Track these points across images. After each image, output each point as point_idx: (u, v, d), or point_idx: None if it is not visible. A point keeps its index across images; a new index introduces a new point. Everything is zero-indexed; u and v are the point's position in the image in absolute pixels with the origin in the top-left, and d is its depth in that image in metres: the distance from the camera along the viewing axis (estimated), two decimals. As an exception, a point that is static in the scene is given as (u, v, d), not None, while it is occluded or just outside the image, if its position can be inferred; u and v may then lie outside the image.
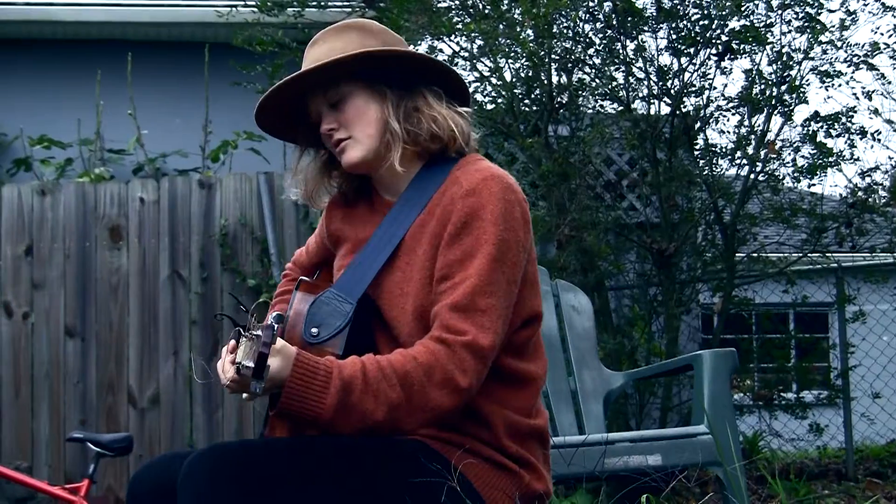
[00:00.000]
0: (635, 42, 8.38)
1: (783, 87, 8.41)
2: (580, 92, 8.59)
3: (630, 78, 8.53)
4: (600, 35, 8.51)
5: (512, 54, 8.41)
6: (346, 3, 9.21)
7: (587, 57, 8.54)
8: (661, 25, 8.38)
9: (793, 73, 8.40)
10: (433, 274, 2.89)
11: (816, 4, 8.28)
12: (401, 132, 2.98)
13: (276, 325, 2.61)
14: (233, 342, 2.79)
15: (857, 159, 8.54)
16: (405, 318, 2.91)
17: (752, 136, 8.54)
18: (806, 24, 8.32)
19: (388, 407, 2.72)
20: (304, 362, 2.69)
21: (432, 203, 2.96)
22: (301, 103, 3.10)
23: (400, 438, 2.81)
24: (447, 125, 3.00)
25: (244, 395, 2.83)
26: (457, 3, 8.76)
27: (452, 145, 3.02)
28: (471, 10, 8.63)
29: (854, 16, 8.37)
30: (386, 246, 2.98)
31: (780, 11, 8.36)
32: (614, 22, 8.30)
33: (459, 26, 8.49)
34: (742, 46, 8.38)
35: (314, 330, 2.91)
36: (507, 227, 2.86)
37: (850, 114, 8.44)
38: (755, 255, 9.02)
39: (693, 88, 8.49)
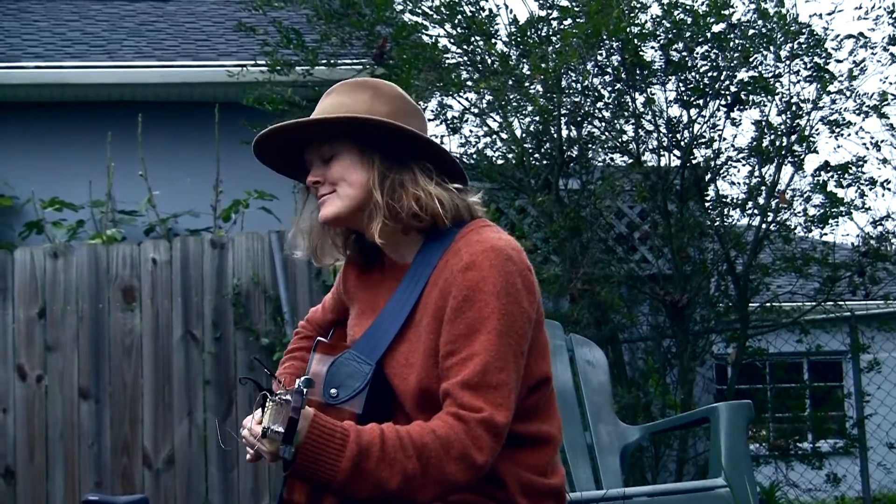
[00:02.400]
0: (644, 95, 8.40)
1: (793, 137, 8.42)
2: (590, 145, 8.61)
3: (640, 130, 8.55)
4: (609, 88, 8.53)
5: (521, 109, 8.43)
6: (355, 61, 9.23)
7: (596, 110, 8.57)
8: (670, 78, 8.40)
9: (802, 122, 8.42)
10: (436, 347, 2.88)
11: (825, 54, 8.30)
12: (382, 206, 2.95)
13: (304, 390, 2.60)
14: (259, 408, 2.74)
15: (869, 208, 8.53)
16: (408, 390, 2.91)
17: (763, 187, 8.54)
18: (814, 73, 8.34)
19: (403, 477, 2.70)
20: (321, 425, 2.67)
21: (435, 274, 2.95)
22: (302, 149, 3.10)
23: None
24: (431, 205, 2.95)
25: (249, 457, 2.82)
26: (466, 59, 8.79)
27: (440, 222, 2.98)
28: (480, 66, 8.66)
29: (862, 65, 8.39)
30: (399, 314, 2.98)
31: (788, 62, 8.38)
32: (623, 75, 8.33)
33: (469, 83, 8.52)
34: (751, 97, 8.40)
35: (333, 391, 2.90)
36: (510, 299, 2.84)
37: (860, 163, 8.44)
38: (768, 304, 9.00)
39: (703, 140, 8.50)
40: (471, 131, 8.86)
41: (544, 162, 8.66)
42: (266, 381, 2.78)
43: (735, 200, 8.70)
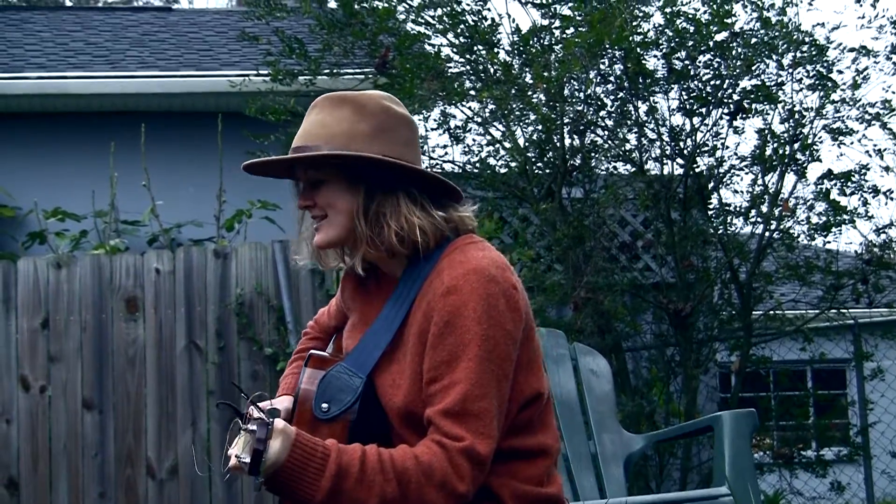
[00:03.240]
0: (647, 103, 8.41)
1: (796, 146, 8.42)
2: (593, 154, 8.62)
3: (643, 139, 8.56)
4: (612, 97, 8.54)
5: (524, 118, 8.44)
6: (357, 70, 9.25)
7: (599, 119, 8.57)
8: (673, 86, 8.41)
9: (805, 131, 8.42)
10: (420, 370, 2.87)
11: (827, 63, 8.30)
12: (366, 234, 2.95)
13: (270, 421, 2.63)
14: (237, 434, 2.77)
15: (872, 216, 8.54)
16: (393, 410, 2.91)
17: (766, 195, 8.55)
18: (817, 82, 8.34)
19: (381, 500, 2.70)
20: (302, 443, 2.69)
21: (421, 293, 2.93)
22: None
23: None
24: (412, 236, 2.93)
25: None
26: (468, 68, 8.80)
27: (422, 250, 2.96)
28: (482, 75, 8.67)
29: (865, 73, 8.39)
30: (387, 331, 2.97)
31: (791, 70, 8.38)
32: (626, 84, 8.33)
33: (472, 92, 8.53)
34: (753, 105, 8.40)
35: (324, 405, 2.90)
36: (492, 322, 2.81)
37: (864, 171, 8.44)
38: (772, 313, 9.00)
39: (706, 148, 8.51)
40: (474, 140, 8.88)
41: (547, 171, 8.66)
42: (242, 404, 2.80)
43: (738, 209, 8.72)
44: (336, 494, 2.68)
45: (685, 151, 8.47)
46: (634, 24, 8.22)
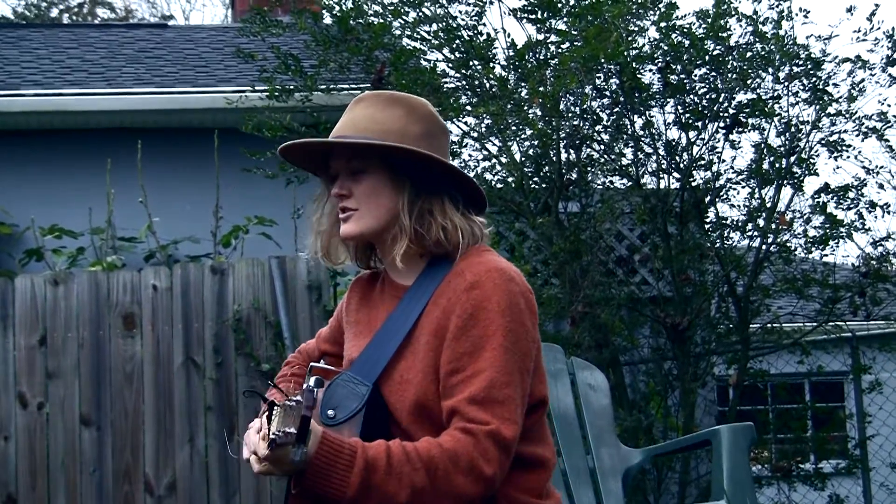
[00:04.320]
0: (643, 117, 8.42)
1: (792, 159, 8.43)
2: (589, 168, 8.63)
3: (639, 153, 8.56)
4: (608, 112, 8.55)
5: (520, 133, 8.44)
6: (353, 86, 9.26)
7: (595, 133, 8.58)
8: (669, 100, 8.42)
9: (801, 144, 8.43)
10: (435, 364, 2.89)
11: (823, 76, 8.31)
12: (409, 230, 2.98)
13: (315, 389, 2.61)
14: (262, 419, 2.72)
15: (868, 229, 8.54)
16: (404, 407, 2.93)
17: (763, 209, 8.55)
18: (813, 95, 8.35)
19: (412, 490, 2.71)
20: (330, 441, 2.69)
21: (437, 293, 2.96)
22: (327, 154, 3.12)
23: None
24: (455, 236, 2.99)
25: (259, 468, 2.77)
26: (464, 83, 8.81)
27: (459, 251, 3.00)
28: (478, 90, 8.68)
29: (861, 86, 8.40)
30: (397, 334, 3.00)
31: (786, 83, 8.39)
32: (621, 98, 8.34)
33: (468, 107, 8.54)
34: (749, 119, 8.41)
35: (330, 412, 2.93)
36: (514, 318, 2.86)
37: (860, 186, 8.45)
38: (769, 326, 9.00)
39: (702, 162, 8.51)
40: (470, 155, 8.89)
41: (543, 185, 8.67)
42: (269, 395, 2.79)
43: (735, 222, 8.71)
44: (366, 489, 2.69)
45: (681, 165, 8.47)
46: (630, 38, 8.23)
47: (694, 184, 8.55)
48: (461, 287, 2.90)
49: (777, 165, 8.46)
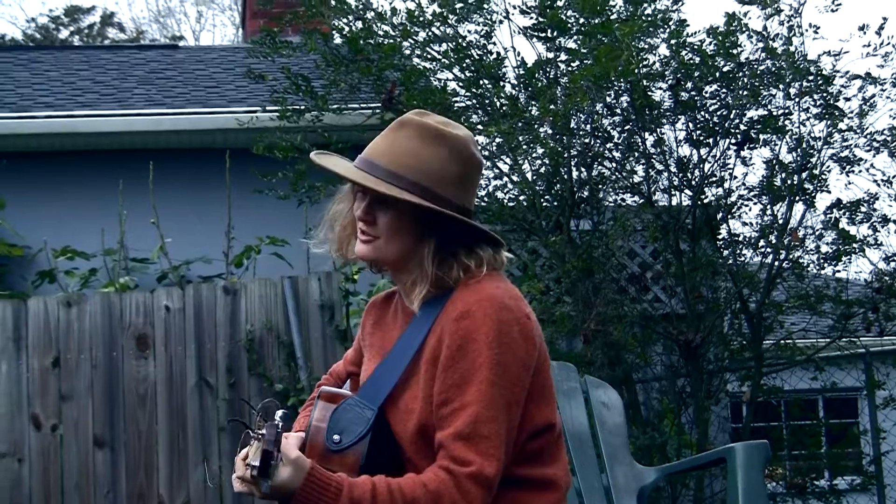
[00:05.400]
0: (654, 135, 8.42)
1: (804, 175, 8.41)
2: (601, 186, 8.63)
3: (650, 170, 8.56)
4: (619, 129, 8.55)
5: (531, 152, 8.45)
6: (364, 106, 9.27)
7: (606, 151, 8.58)
8: (680, 117, 8.42)
9: (813, 160, 8.41)
10: (432, 393, 2.89)
11: (834, 92, 8.30)
12: (430, 276, 2.97)
13: (280, 423, 2.65)
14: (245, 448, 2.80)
15: (881, 244, 8.51)
16: (407, 435, 2.94)
17: (775, 225, 8.54)
18: (824, 111, 8.34)
19: None
20: (316, 476, 2.72)
21: (436, 322, 2.95)
22: None
23: None
24: (478, 270, 2.98)
25: (238, 488, 2.83)
26: (475, 102, 8.82)
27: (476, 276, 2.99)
28: (489, 108, 8.69)
29: (872, 101, 8.38)
30: (402, 359, 3.00)
31: (797, 99, 8.38)
32: (633, 116, 8.34)
33: (479, 126, 8.55)
34: (760, 136, 8.40)
35: (336, 437, 2.93)
36: (503, 349, 2.85)
37: (872, 201, 8.43)
38: (782, 342, 8.98)
39: (714, 179, 8.51)
40: (482, 174, 8.87)
41: (555, 203, 8.68)
42: (255, 421, 2.82)
43: (747, 239, 8.70)
44: None
45: (693, 182, 8.47)
46: (640, 56, 8.23)
47: (706, 200, 8.54)
48: (452, 316, 2.89)
49: (789, 182, 8.45)
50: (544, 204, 8.67)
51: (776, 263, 8.59)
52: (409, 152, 3.00)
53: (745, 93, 8.30)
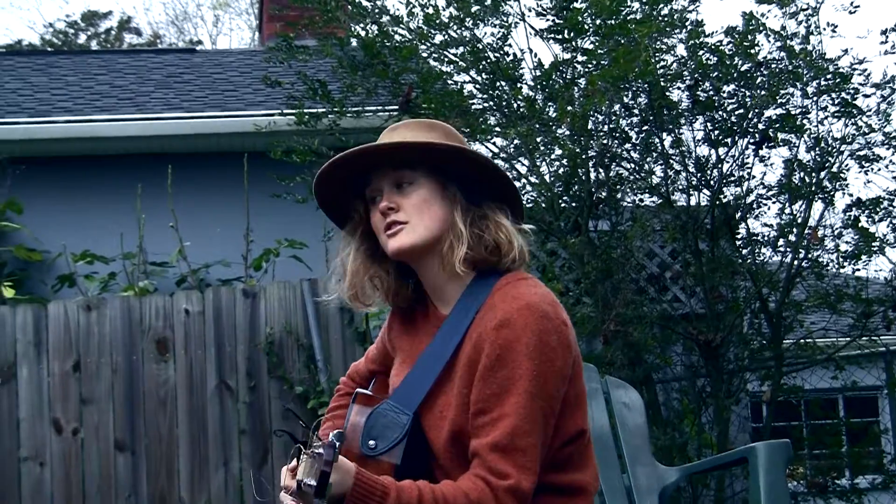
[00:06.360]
0: (672, 135, 8.40)
1: (822, 174, 8.39)
2: (619, 187, 8.61)
3: (668, 171, 8.54)
4: (636, 130, 8.54)
5: (549, 153, 8.44)
6: (380, 109, 9.27)
7: (624, 152, 8.57)
8: (698, 117, 8.40)
9: (832, 159, 8.39)
10: (468, 400, 2.89)
11: (852, 90, 8.28)
12: (467, 235, 2.96)
13: (337, 444, 2.62)
14: (294, 459, 2.75)
15: (901, 242, 8.48)
16: (441, 442, 2.93)
17: (794, 224, 8.51)
18: (842, 109, 8.31)
19: None
20: (363, 481, 2.70)
21: (472, 327, 2.94)
22: (360, 180, 3.09)
23: None
24: (511, 240, 2.98)
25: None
26: (492, 104, 8.82)
27: (507, 260, 2.99)
28: (506, 110, 8.68)
29: (890, 98, 8.35)
30: (436, 364, 2.99)
31: (815, 98, 8.36)
32: (650, 116, 8.33)
33: (496, 128, 8.54)
34: (779, 135, 8.38)
35: (371, 442, 2.92)
36: (543, 359, 2.84)
37: (892, 198, 8.40)
38: (802, 341, 8.96)
39: (732, 178, 8.48)
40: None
41: (574, 204, 8.66)
42: (301, 432, 2.79)
43: (766, 238, 8.68)
44: None
45: (711, 182, 8.45)
46: (658, 56, 8.22)
47: (724, 200, 8.52)
48: (491, 324, 2.88)
49: (807, 180, 8.43)
50: (562, 205, 8.65)
51: (795, 262, 8.57)
52: (411, 137, 3.05)
53: (763, 92, 8.28)
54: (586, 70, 8.59)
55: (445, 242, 2.99)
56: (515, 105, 8.65)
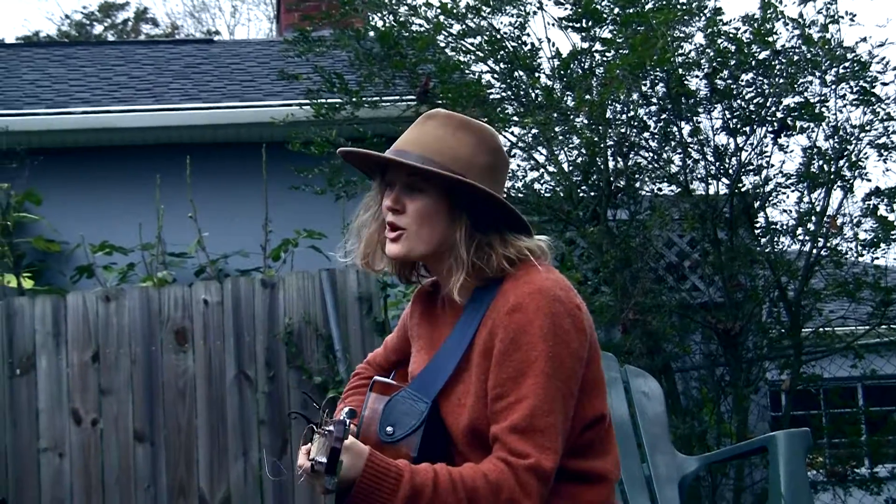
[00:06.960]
0: (690, 124, 8.39)
1: (841, 162, 8.37)
2: (637, 176, 8.60)
3: (687, 160, 8.53)
4: (655, 118, 8.52)
5: (567, 142, 8.43)
6: (398, 99, 9.26)
7: (643, 140, 8.56)
8: (716, 106, 8.38)
9: (850, 147, 8.37)
10: (485, 388, 2.89)
11: (870, 77, 8.25)
12: (466, 263, 2.96)
13: (347, 420, 2.66)
14: (309, 442, 2.78)
15: (921, 230, 8.46)
16: (459, 429, 2.94)
17: (813, 213, 8.49)
18: (861, 97, 8.29)
19: None
20: (375, 463, 2.71)
21: (486, 315, 2.95)
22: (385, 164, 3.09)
23: None
24: (522, 252, 2.98)
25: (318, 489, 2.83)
26: (510, 93, 8.81)
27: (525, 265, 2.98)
28: (524, 100, 8.68)
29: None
30: (453, 355, 3.00)
31: (834, 86, 8.34)
32: (669, 105, 8.31)
33: (514, 118, 8.54)
34: (797, 123, 8.36)
35: (389, 429, 2.93)
36: (557, 340, 2.84)
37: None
38: (821, 330, 8.94)
39: (751, 167, 8.47)
40: (518, 165, 8.88)
41: (592, 193, 8.66)
42: (319, 417, 2.80)
43: (785, 227, 8.66)
44: None
45: (730, 171, 8.43)
46: (676, 45, 8.20)
47: (743, 189, 8.50)
48: (504, 310, 2.89)
49: (826, 169, 8.41)
50: (581, 194, 8.65)
51: (814, 251, 8.55)
52: (438, 139, 3.02)
53: (782, 80, 8.26)
54: (604, 59, 8.58)
55: (445, 264, 3.02)
56: (533, 94, 8.64)
